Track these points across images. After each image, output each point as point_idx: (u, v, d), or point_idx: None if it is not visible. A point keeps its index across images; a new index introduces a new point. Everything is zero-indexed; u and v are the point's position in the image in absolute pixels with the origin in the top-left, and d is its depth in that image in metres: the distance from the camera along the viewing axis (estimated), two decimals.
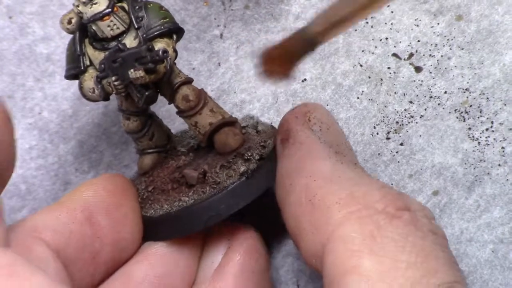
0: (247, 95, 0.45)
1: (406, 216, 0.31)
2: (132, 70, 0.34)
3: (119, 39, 0.36)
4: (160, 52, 0.34)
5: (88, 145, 0.45)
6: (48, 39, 0.47)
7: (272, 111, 0.45)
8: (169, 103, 0.38)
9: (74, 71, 0.36)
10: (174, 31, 0.37)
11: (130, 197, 0.36)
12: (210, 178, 0.36)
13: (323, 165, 0.34)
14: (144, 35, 0.36)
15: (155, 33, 0.36)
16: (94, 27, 0.35)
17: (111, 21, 0.35)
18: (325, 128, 0.37)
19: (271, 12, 0.47)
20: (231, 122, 0.38)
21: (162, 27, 0.36)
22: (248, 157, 0.37)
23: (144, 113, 0.39)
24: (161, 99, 0.38)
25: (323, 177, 0.33)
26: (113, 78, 0.35)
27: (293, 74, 0.34)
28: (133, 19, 0.36)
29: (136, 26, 0.36)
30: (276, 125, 0.44)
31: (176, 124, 0.45)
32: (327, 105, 0.45)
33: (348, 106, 0.45)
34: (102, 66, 0.35)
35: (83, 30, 0.36)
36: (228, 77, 0.46)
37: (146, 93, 0.36)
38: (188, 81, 0.38)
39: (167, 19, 0.36)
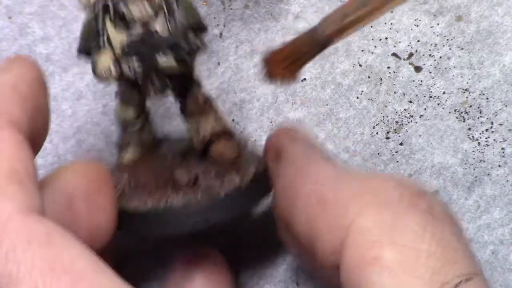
0: (247, 95, 0.45)
1: (423, 204, 0.30)
2: (163, 56, 0.34)
3: (146, 23, 0.35)
4: (200, 43, 0.34)
5: (87, 144, 0.45)
6: (47, 39, 0.47)
7: (272, 111, 0.45)
8: (176, 99, 0.38)
9: (92, 46, 0.35)
10: (201, 29, 0.36)
11: (107, 187, 0.35)
12: (202, 183, 0.36)
13: (326, 168, 0.34)
14: (174, 26, 0.35)
15: (185, 26, 0.35)
16: (123, 8, 0.34)
17: (143, 4, 0.34)
18: (311, 142, 0.37)
19: (270, 11, 0.47)
20: (230, 134, 0.38)
21: (192, 22, 0.35)
22: (244, 171, 0.36)
23: (143, 105, 0.38)
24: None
25: (330, 177, 0.33)
26: (135, 62, 0.34)
27: (299, 76, 0.34)
28: (164, 6, 0.35)
29: (167, 15, 0.35)
30: (276, 124, 0.45)
31: (174, 124, 0.45)
32: (327, 104, 0.45)
33: (347, 105, 0.45)
34: (127, 47, 0.35)
35: (104, 8, 0.36)
36: (228, 77, 0.46)
37: (168, 83, 0.36)
38: (199, 83, 0.38)
39: (197, 17, 0.36)
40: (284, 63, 0.33)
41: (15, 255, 0.23)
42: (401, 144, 0.44)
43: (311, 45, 0.32)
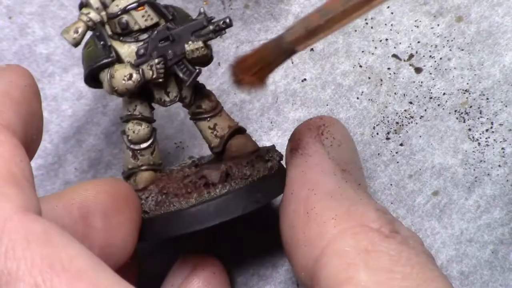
0: (247, 95, 0.45)
1: (398, 237, 0.31)
2: (190, 42, 0.35)
3: (151, 31, 0.36)
4: (227, 20, 0.35)
5: (87, 144, 0.45)
6: (47, 39, 0.47)
7: (272, 111, 0.45)
8: (188, 105, 0.38)
9: (106, 61, 0.36)
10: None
11: (131, 207, 0.36)
12: (236, 173, 0.36)
13: (326, 181, 0.34)
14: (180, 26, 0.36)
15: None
16: (126, 18, 0.35)
17: (146, 11, 0.36)
18: (336, 144, 0.37)
19: (270, 11, 0.47)
20: (243, 129, 0.39)
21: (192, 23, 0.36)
22: (269, 158, 0.38)
23: (152, 121, 0.38)
24: None
25: (325, 192, 0.33)
26: (156, 60, 0.35)
27: (267, 82, 0.34)
28: (164, 11, 0.36)
29: (170, 18, 0.36)
30: (276, 124, 0.45)
31: (174, 124, 0.45)
32: (327, 105, 0.45)
33: (348, 106, 0.45)
34: (142, 50, 0.35)
35: (98, 30, 0.36)
36: (228, 77, 0.46)
37: (197, 70, 0.36)
38: (203, 85, 0.39)
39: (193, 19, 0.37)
40: (252, 70, 0.34)
41: (15, 253, 0.24)
42: (401, 144, 0.44)
43: (277, 52, 0.33)
